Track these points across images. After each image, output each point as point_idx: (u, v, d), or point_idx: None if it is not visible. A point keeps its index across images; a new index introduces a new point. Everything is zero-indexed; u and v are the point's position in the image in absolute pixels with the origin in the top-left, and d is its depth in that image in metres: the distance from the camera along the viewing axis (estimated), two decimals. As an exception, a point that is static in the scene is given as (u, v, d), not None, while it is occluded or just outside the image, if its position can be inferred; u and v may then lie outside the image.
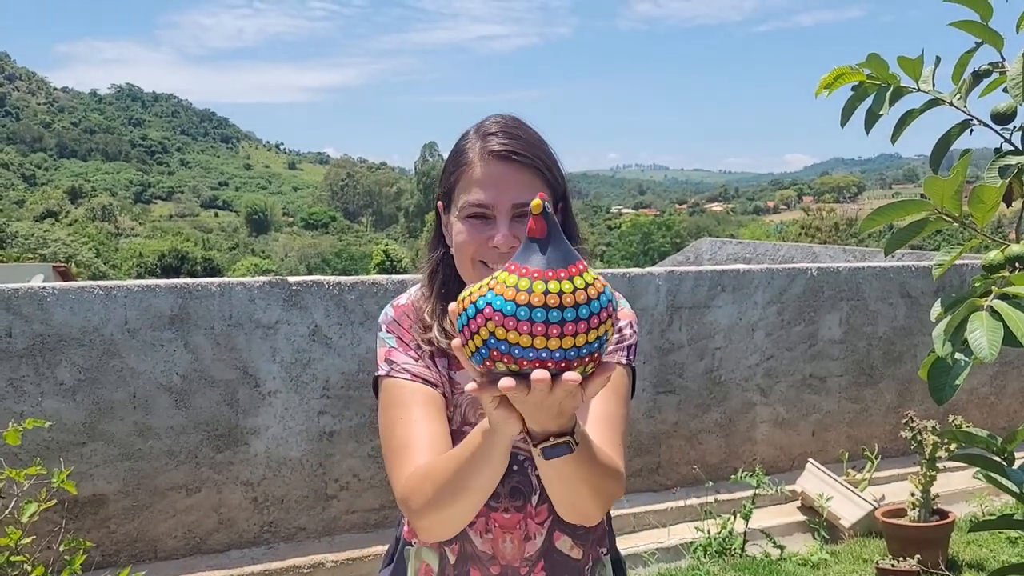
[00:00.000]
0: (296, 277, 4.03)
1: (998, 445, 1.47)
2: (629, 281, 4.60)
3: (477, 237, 1.26)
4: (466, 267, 1.29)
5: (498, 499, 1.34)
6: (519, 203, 1.25)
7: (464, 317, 0.98)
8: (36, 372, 3.55)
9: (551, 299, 0.93)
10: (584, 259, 1.05)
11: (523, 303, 0.93)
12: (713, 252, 10.36)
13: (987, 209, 1.41)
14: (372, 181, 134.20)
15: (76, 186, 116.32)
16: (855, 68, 1.67)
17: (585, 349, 0.95)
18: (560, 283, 0.94)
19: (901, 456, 5.23)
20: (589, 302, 0.95)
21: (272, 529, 3.96)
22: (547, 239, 0.98)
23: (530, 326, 0.93)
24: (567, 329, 0.93)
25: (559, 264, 0.96)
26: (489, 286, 0.97)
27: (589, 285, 0.96)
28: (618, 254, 58.48)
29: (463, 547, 1.37)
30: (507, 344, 0.95)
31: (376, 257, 50.57)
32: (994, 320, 1.26)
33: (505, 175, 1.26)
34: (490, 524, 1.35)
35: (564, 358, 0.94)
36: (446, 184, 1.32)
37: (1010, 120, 1.64)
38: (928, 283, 5.41)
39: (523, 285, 0.94)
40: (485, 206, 1.26)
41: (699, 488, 4.62)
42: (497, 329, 0.95)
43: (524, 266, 0.96)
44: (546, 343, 0.94)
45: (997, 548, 4.15)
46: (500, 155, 1.26)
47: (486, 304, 0.96)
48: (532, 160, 1.28)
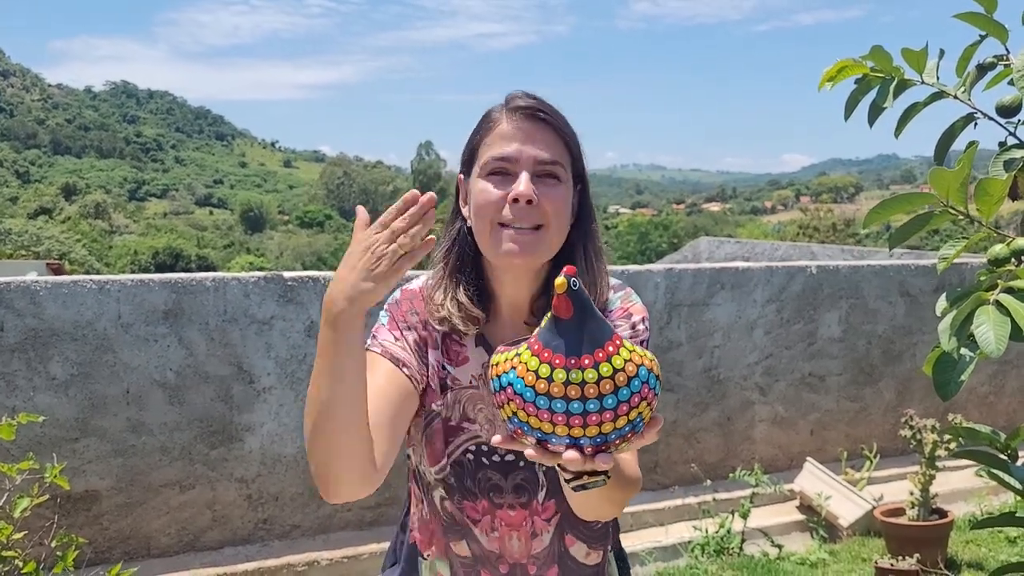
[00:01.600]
0: (292, 272, 4.00)
1: (1001, 441, 1.45)
2: (627, 278, 4.58)
3: (497, 193, 1.23)
4: (483, 230, 1.25)
5: (502, 495, 1.32)
6: (542, 160, 1.24)
7: (492, 385, 0.96)
8: (28, 367, 3.51)
9: (572, 390, 0.88)
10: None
11: (542, 392, 0.89)
12: (711, 251, 10.35)
13: (993, 202, 1.39)
14: (368, 180, 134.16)
15: (70, 183, 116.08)
16: (858, 61, 1.65)
17: (615, 435, 0.91)
18: (583, 372, 0.88)
19: (900, 455, 5.21)
20: (616, 390, 0.89)
21: (266, 527, 3.93)
22: (573, 319, 0.90)
23: (551, 415, 0.89)
24: (591, 419, 0.88)
25: (584, 349, 0.89)
26: (512, 363, 0.93)
27: (618, 371, 0.89)
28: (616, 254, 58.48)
29: (470, 547, 1.35)
30: (530, 427, 0.91)
31: (372, 255, 50.48)
32: (1001, 314, 1.24)
33: (530, 130, 1.25)
34: (496, 522, 1.33)
35: (592, 444, 0.90)
36: (470, 147, 1.31)
37: (1015, 113, 1.62)
38: (928, 282, 5.39)
39: (543, 372, 0.89)
40: (508, 159, 1.24)
41: (697, 487, 4.60)
42: (519, 412, 0.91)
43: (546, 348, 0.90)
44: (568, 432, 0.89)
45: (996, 548, 4.14)
46: (526, 112, 1.26)
47: (508, 383, 0.92)
48: (557, 122, 1.28)
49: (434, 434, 1.32)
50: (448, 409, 1.32)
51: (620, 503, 1.19)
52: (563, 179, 1.26)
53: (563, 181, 1.26)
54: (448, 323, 1.30)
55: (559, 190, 1.25)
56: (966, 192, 1.37)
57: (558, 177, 1.25)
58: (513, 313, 1.33)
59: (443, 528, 1.36)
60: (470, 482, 1.31)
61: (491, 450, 1.31)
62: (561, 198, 1.25)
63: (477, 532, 1.34)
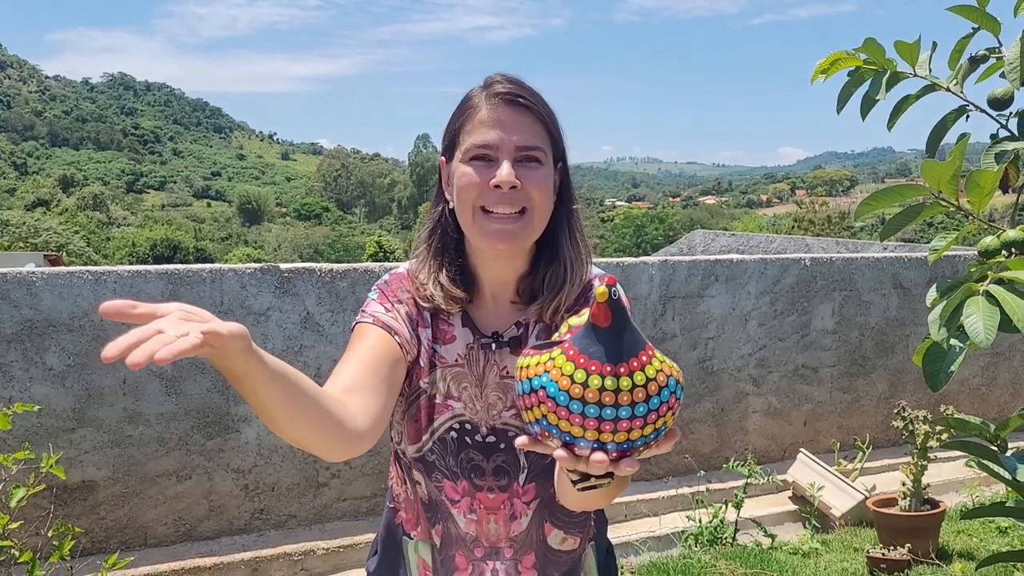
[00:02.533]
0: (288, 264, 4.00)
1: (991, 432, 1.47)
2: (622, 270, 4.59)
3: (479, 179, 1.25)
4: (467, 215, 1.27)
5: (483, 476, 1.32)
6: (522, 146, 1.26)
7: (520, 388, 0.96)
8: (25, 357, 3.52)
9: (606, 396, 0.90)
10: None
11: (577, 396, 0.90)
12: (706, 244, 10.36)
13: (984, 194, 1.40)
14: (365, 172, 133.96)
15: (68, 175, 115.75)
16: (851, 53, 1.66)
17: (640, 442, 0.93)
18: (618, 380, 0.90)
19: (892, 446, 5.24)
20: (648, 399, 0.91)
21: (263, 516, 3.95)
22: (611, 328, 0.92)
23: (582, 420, 0.90)
24: (621, 426, 0.90)
25: (621, 357, 0.91)
26: (546, 367, 0.94)
27: (650, 380, 0.91)
28: (611, 247, 58.42)
29: (446, 528, 1.36)
30: (559, 430, 0.92)
31: (369, 248, 50.48)
32: (990, 305, 1.25)
33: (510, 117, 1.26)
34: (475, 504, 1.33)
35: (618, 449, 0.92)
36: (451, 132, 1.32)
37: (1007, 105, 1.63)
38: (921, 274, 5.41)
39: (579, 377, 0.90)
40: (490, 147, 1.25)
41: (691, 477, 4.62)
42: (549, 415, 0.92)
43: (583, 355, 0.91)
44: (598, 436, 0.91)
45: (987, 538, 4.16)
46: (506, 98, 1.27)
47: (541, 387, 0.93)
48: (537, 107, 1.28)
49: (417, 412, 1.33)
50: (432, 386, 1.33)
51: (611, 498, 1.21)
52: (544, 162, 1.28)
53: (544, 164, 1.28)
54: (431, 303, 1.32)
55: (541, 173, 1.27)
56: (957, 184, 1.38)
57: (539, 160, 1.27)
58: (497, 293, 1.35)
59: (424, 508, 1.37)
60: (452, 461, 1.33)
61: (474, 429, 1.32)
62: (543, 181, 1.27)
63: (455, 513, 1.34)
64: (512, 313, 1.34)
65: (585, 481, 0.98)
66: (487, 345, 1.33)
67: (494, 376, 1.32)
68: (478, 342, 1.33)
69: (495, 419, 1.32)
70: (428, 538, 1.38)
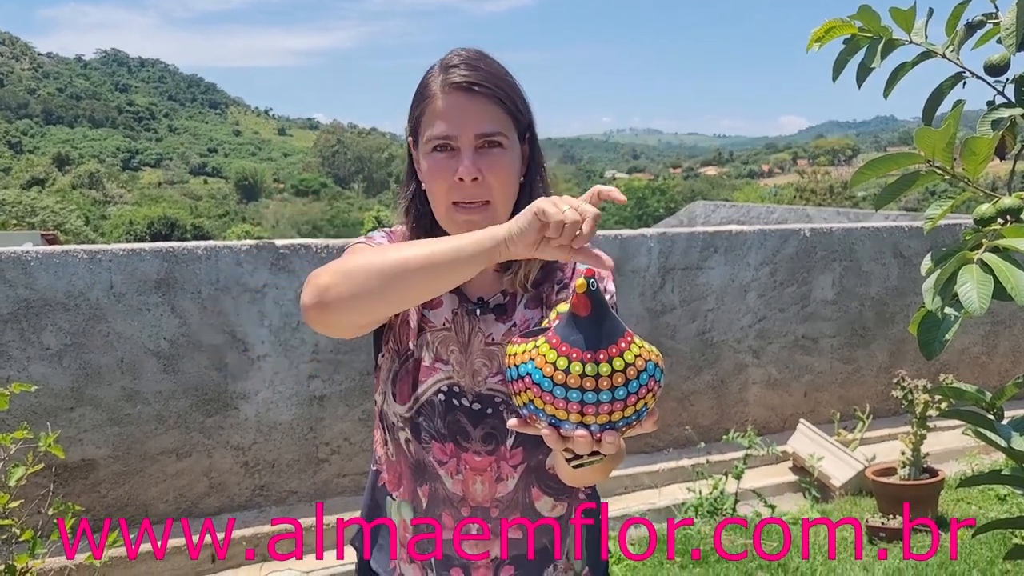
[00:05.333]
0: (283, 240, 3.99)
1: (987, 400, 1.46)
2: (621, 243, 4.58)
3: (444, 173, 1.26)
4: (439, 208, 1.29)
5: (469, 440, 1.33)
6: (481, 133, 1.25)
7: (509, 374, 1.03)
8: (21, 337, 3.52)
9: (587, 382, 0.96)
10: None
11: (560, 382, 0.97)
12: (707, 215, 10.33)
13: (979, 161, 1.38)
14: (363, 147, 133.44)
15: (63, 153, 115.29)
16: (846, 21, 1.64)
17: (622, 423, 0.99)
18: (598, 365, 0.96)
19: (892, 416, 5.25)
20: (627, 383, 0.97)
21: (263, 493, 3.96)
22: (590, 317, 0.98)
23: (566, 404, 0.97)
24: (602, 409, 0.97)
25: (601, 343, 0.97)
26: (531, 355, 1.00)
27: (629, 365, 0.97)
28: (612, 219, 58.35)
29: (434, 488, 1.37)
30: (544, 414, 1.00)
31: (368, 223, 50.35)
32: (984, 273, 1.24)
33: (467, 106, 1.26)
34: (461, 465, 1.35)
35: (601, 430, 0.99)
36: (412, 119, 1.33)
37: (1003, 71, 1.60)
38: (921, 243, 5.39)
39: (561, 364, 0.97)
40: (448, 138, 1.26)
41: (691, 449, 4.64)
42: (535, 399, 0.99)
43: (564, 343, 0.98)
44: (581, 419, 0.98)
45: (986, 505, 4.18)
46: (461, 86, 1.26)
47: (527, 373, 1.00)
48: (494, 91, 1.27)
49: (406, 374, 1.35)
50: (420, 349, 1.35)
51: (606, 473, 1.25)
52: (507, 145, 1.27)
53: (507, 147, 1.28)
54: None
55: (504, 158, 1.27)
56: (952, 151, 1.36)
57: (501, 144, 1.27)
58: None
59: (410, 470, 1.38)
60: (440, 423, 1.34)
61: (461, 392, 1.33)
62: (506, 166, 1.27)
63: (442, 473, 1.35)
64: (497, 280, 1.36)
65: (577, 459, 1.05)
66: (472, 311, 1.34)
67: (479, 342, 1.33)
68: (463, 308, 1.34)
69: (480, 385, 1.33)
70: (412, 499, 1.39)
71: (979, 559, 3.52)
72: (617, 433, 0.99)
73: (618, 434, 1.00)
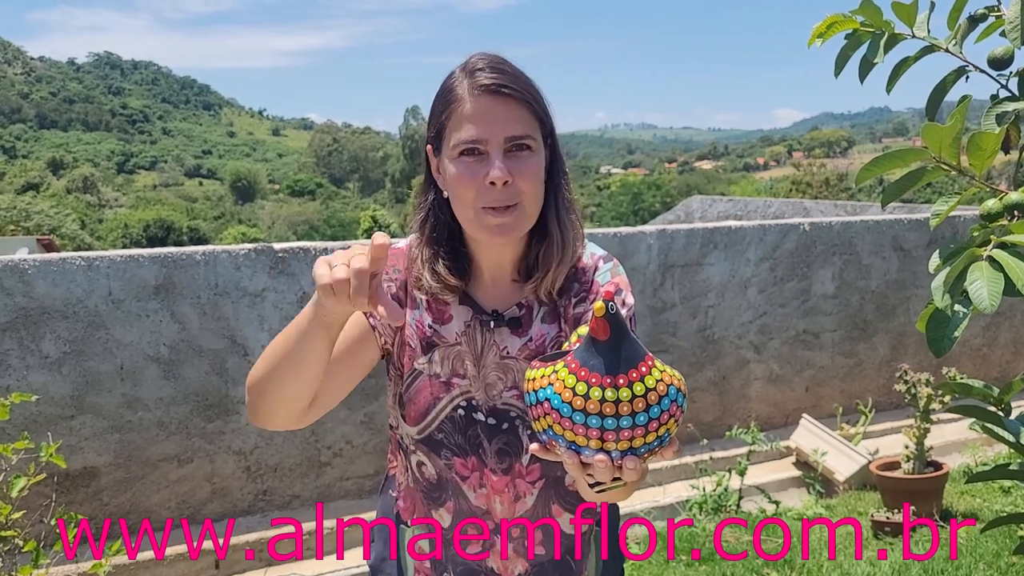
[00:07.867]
0: (282, 244, 3.97)
1: (995, 395, 1.45)
2: (620, 240, 4.56)
3: (473, 177, 1.22)
4: (466, 213, 1.25)
5: (486, 455, 1.32)
6: (511, 136, 1.23)
7: (528, 399, 1.01)
8: (20, 345, 3.50)
9: (607, 407, 0.94)
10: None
11: (579, 408, 0.94)
12: (704, 210, 10.33)
13: (985, 157, 1.37)
14: (357, 146, 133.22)
15: (57, 157, 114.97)
16: (848, 15, 1.62)
17: (643, 449, 0.96)
18: (618, 391, 0.93)
19: (895, 409, 5.25)
20: (648, 408, 0.94)
21: (266, 497, 3.95)
22: (609, 341, 0.96)
23: (585, 430, 0.95)
24: (623, 435, 0.94)
25: (621, 368, 0.94)
26: (549, 379, 0.98)
27: (650, 390, 0.95)
28: (608, 215, 58.27)
29: (458, 504, 1.36)
30: (564, 440, 0.97)
31: (364, 223, 50.29)
32: (994, 270, 1.23)
33: (496, 109, 1.23)
34: (484, 480, 1.34)
35: (622, 456, 0.96)
36: (436, 125, 1.28)
37: (1007, 65, 1.59)
38: (921, 236, 5.39)
39: (580, 389, 0.94)
40: (478, 142, 1.22)
41: (694, 446, 4.63)
42: (555, 425, 0.97)
43: (583, 367, 0.95)
44: (601, 445, 0.95)
45: (991, 498, 4.17)
46: (490, 89, 1.23)
47: (546, 399, 0.97)
48: (522, 93, 1.25)
49: (417, 392, 1.33)
50: (436, 365, 1.33)
51: (630, 492, 1.23)
52: (535, 147, 1.25)
53: (535, 149, 1.25)
54: (428, 292, 1.32)
55: (532, 161, 1.24)
56: (959, 147, 1.35)
57: (530, 147, 1.24)
58: (496, 273, 1.33)
59: (423, 496, 1.37)
60: (461, 438, 1.32)
61: (476, 406, 1.32)
62: (535, 168, 1.24)
63: (465, 488, 1.34)
64: (513, 292, 1.33)
65: (599, 484, 1.03)
66: (485, 323, 1.31)
67: (493, 356, 1.31)
68: (476, 320, 1.32)
69: (495, 399, 1.31)
70: (428, 522, 1.39)
71: (985, 552, 3.51)
72: (638, 459, 0.96)
73: (639, 460, 0.96)
